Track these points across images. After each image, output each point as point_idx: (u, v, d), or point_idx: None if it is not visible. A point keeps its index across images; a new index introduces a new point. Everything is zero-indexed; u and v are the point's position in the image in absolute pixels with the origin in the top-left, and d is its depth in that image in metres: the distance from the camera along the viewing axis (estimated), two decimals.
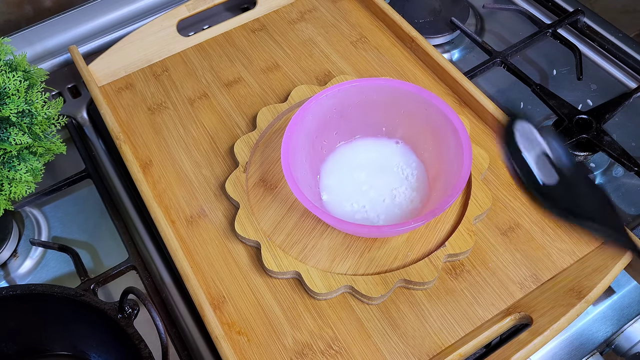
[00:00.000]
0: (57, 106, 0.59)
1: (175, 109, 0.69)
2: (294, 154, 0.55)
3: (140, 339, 0.48)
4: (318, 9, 0.78)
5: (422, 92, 0.56)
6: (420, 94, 0.56)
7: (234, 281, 0.56)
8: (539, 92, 0.70)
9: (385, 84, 0.57)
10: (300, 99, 0.66)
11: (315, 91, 0.67)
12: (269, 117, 0.65)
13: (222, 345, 0.50)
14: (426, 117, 0.56)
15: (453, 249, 0.54)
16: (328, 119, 0.59)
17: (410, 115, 0.58)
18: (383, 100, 0.58)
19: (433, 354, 0.51)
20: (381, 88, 0.58)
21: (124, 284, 0.54)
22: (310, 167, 0.59)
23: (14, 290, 0.50)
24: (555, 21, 0.77)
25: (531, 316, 0.50)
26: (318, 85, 0.69)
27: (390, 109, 0.59)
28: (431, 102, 0.55)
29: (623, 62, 0.74)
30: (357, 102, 0.59)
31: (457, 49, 0.80)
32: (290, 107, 0.66)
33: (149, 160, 0.65)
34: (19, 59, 0.57)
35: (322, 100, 0.57)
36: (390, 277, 0.53)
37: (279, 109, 0.66)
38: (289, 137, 0.55)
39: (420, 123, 0.58)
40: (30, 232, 0.65)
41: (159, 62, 0.74)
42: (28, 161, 0.56)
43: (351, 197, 0.58)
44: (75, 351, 0.54)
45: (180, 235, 0.59)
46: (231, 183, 0.60)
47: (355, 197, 0.58)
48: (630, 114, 0.70)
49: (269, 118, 0.65)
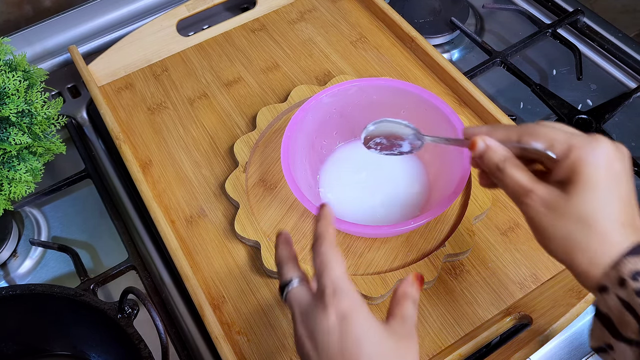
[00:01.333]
0: (56, 106, 0.59)
1: (175, 109, 0.69)
2: (294, 153, 0.55)
3: (140, 339, 0.48)
4: (318, 9, 0.78)
5: (422, 92, 0.56)
6: (421, 94, 0.56)
7: (233, 281, 0.56)
8: (539, 92, 0.70)
9: (386, 84, 0.57)
10: (300, 98, 0.66)
11: (315, 91, 0.67)
12: (268, 117, 0.65)
13: (221, 345, 0.50)
14: (426, 117, 0.56)
15: (453, 249, 0.54)
16: (328, 119, 0.59)
17: (410, 115, 0.58)
18: (383, 100, 0.58)
19: (433, 353, 0.51)
20: (381, 88, 0.58)
21: (124, 284, 0.54)
22: (310, 167, 0.59)
23: (13, 290, 0.50)
24: (555, 21, 0.77)
25: (531, 316, 0.50)
26: (318, 85, 0.69)
27: (390, 109, 0.59)
28: (431, 102, 0.55)
29: (623, 62, 0.74)
30: (357, 102, 0.59)
31: (457, 49, 0.80)
32: (290, 107, 0.66)
33: (149, 160, 0.65)
34: (19, 59, 0.57)
35: (322, 100, 0.57)
36: (390, 277, 0.53)
37: (278, 109, 0.66)
38: (289, 137, 0.55)
39: (421, 123, 0.58)
40: (30, 232, 0.65)
41: (159, 62, 0.74)
42: (28, 161, 0.56)
43: (351, 197, 0.58)
44: (75, 351, 0.54)
45: (180, 235, 0.59)
46: (231, 183, 0.60)
47: (355, 197, 0.58)
48: (630, 114, 0.70)
49: (268, 118, 0.65)
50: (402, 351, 0.36)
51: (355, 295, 0.37)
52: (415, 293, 0.39)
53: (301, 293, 0.39)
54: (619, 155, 0.37)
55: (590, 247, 0.36)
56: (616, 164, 0.37)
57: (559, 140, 0.38)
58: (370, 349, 0.35)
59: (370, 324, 0.36)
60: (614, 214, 0.36)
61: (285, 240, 0.42)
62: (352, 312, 0.36)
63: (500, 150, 0.40)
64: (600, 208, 0.36)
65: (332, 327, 0.35)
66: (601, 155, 0.37)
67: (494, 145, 0.41)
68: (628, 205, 0.37)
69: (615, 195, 0.37)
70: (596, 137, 0.37)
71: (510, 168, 0.39)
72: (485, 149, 0.41)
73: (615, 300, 0.35)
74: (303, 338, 0.37)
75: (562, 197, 0.37)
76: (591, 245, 0.36)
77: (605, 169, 0.37)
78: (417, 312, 0.40)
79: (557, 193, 0.37)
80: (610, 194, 0.36)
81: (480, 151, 0.41)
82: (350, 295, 0.36)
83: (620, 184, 0.37)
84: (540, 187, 0.38)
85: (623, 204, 0.37)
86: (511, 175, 0.39)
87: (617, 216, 0.36)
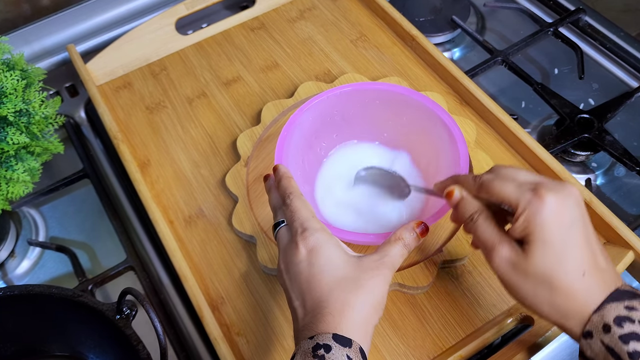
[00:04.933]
0: (54, 105, 0.58)
1: (173, 108, 0.69)
2: (289, 154, 0.53)
3: (139, 340, 0.48)
4: (318, 7, 0.77)
5: (426, 101, 0.55)
6: (425, 103, 0.54)
7: (232, 282, 0.55)
8: (541, 91, 0.69)
9: (389, 90, 0.56)
10: (307, 95, 0.66)
11: (323, 88, 0.66)
12: (273, 113, 0.65)
13: (220, 347, 0.50)
14: (426, 127, 0.55)
15: (450, 255, 0.53)
16: (329, 120, 0.58)
17: (411, 123, 0.57)
18: (386, 105, 0.57)
19: (434, 355, 0.50)
20: (385, 93, 0.56)
21: (122, 285, 0.53)
22: (308, 169, 0.58)
23: (11, 291, 0.50)
24: (557, 20, 0.77)
25: (532, 317, 0.50)
26: (325, 82, 0.68)
27: (392, 116, 0.57)
28: (434, 112, 0.54)
29: (625, 61, 0.74)
30: (359, 105, 0.58)
31: (458, 48, 0.79)
32: (295, 103, 0.65)
33: (147, 160, 0.64)
34: (17, 58, 0.57)
35: (324, 101, 0.56)
36: None
37: (284, 105, 0.65)
38: (284, 138, 0.53)
39: (420, 131, 0.56)
40: (27, 233, 0.64)
41: (157, 60, 0.73)
42: (25, 161, 0.56)
43: (347, 202, 0.57)
44: (73, 352, 0.54)
45: (178, 236, 0.58)
46: (232, 177, 0.60)
47: (352, 203, 0.56)
48: (632, 113, 0.70)
49: (273, 113, 0.64)
50: (363, 282, 0.39)
51: (321, 232, 0.41)
52: (409, 239, 0.43)
53: (285, 233, 0.44)
54: (567, 205, 0.38)
55: (557, 303, 0.38)
56: (565, 215, 0.38)
57: (510, 197, 0.39)
58: (331, 276, 0.39)
59: (336, 254, 0.40)
60: (572, 267, 0.38)
61: (284, 177, 0.47)
62: (318, 246, 0.40)
63: (473, 202, 0.42)
64: (557, 266, 0.38)
65: (302, 259, 0.41)
66: (548, 214, 0.38)
67: (468, 197, 0.43)
68: (587, 250, 0.38)
69: (571, 246, 0.38)
70: (540, 196, 0.38)
71: (481, 221, 0.41)
72: (460, 199, 0.43)
73: (600, 346, 0.36)
74: (282, 271, 0.42)
75: (523, 257, 0.39)
76: (557, 302, 0.38)
77: (555, 225, 0.38)
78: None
79: (518, 252, 0.39)
80: (565, 249, 0.38)
81: (455, 200, 0.43)
82: (316, 233, 0.41)
83: (574, 232, 0.38)
84: (505, 245, 0.40)
85: (580, 252, 0.38)
86: (480, 229, 0.41)
87: (577, 267, 0.38)
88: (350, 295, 0.38)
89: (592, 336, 0.37)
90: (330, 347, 0.36)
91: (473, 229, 0.42)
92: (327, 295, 0.39)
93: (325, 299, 0.38)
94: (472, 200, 0.42)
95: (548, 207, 0.37)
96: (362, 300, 0.38)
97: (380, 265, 0.40)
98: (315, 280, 0.40)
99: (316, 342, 0.36)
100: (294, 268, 0.41)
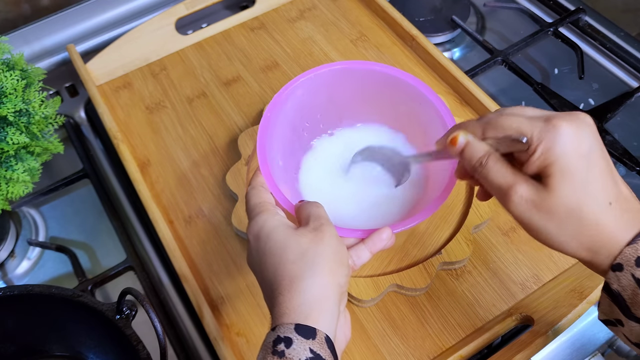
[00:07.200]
0: (54, 105, 0.58)
1: (173, 108, 0.69)
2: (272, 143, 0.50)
3: (138, 340, 0.48)
4: (317, 7, 0.77)
5: (417, 83, 0.52)
6: (416, 85, 0.52)
7: (232, 282, 0.55)
8: (541, 91, 0.69)
9: (377, 69, 0.53)
10: None
11: None
12: None
13: (220, 347, 0.50)
14: (418, 112, 0.53)
15: (449, 257, 0.53)
16: (315, 100, 0.54)
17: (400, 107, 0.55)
18: (375, 88, 0.54)
19: (434, 355, 0.50)
20: (373, 74, 0.53)
21: (122, 285, 0.53)
22: (292, 152, 0.55)
23: (11, 291, 0.50)
24: (557, 20, 0.77)
25: (532, 317, 0.50)
26: None
27: (381, 99, 0.55)
28: (426, 96, 0.52)
29: (625, 61, 0.74)
30: (347, 86, 0.54)
31: (458, 48, 0.79)
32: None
33: (147, 160, 0.64)
34: (17, 58, 0.57)
35: (310, 79, 0.52)
36: (382, 281, 0.52)
37: None
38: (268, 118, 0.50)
39: (410, 118, 0.54)
40: (27, 233, 0.64)
41: (157, 60, 0.73)
42: (25, 161, 0.56)
43: (336, 195, 0.54)
44: (73, 352, 0.54)
45: (178, 236, 0.58)
46: (232, 175, 0.60)
47: (341, 197, 0.54)
48: (632, 113, 0.70)
49: None
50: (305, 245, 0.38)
51: (262, 214, 0.41)
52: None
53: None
54: (583, 134, 0.36)
55: (585, 237, 0.36)
56: (583, 144, 0.36)
57: (523, 130, 0.36)
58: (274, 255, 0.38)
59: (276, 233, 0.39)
60: (599, 196, 0.36)
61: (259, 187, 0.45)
62: (259, 230, 0.40)
63: (481, 145, 0.39)
64: (583, 196, 0.35)
65: (251, 250, 0.41)
66: (566, 143, 0.35)
67: (475, 141, 0.39)
68: (609, 179, 0.36)
69: (594, 175, 0.36)
70: (554, 125, 0.36)
71: (491, 163, 0.38)
72: (465, 143, 0.39)
73: (630, 279, 0.35)
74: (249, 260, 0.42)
75: (544, 192, 0.36)
76: (586, 236, 0.36)
77: (575, 154, 0.35)
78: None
79: (538, 189, 0.36)
80: (588, 177, 0.36)
81: (460, 147, 0.39)
82: (256, 217, 0.41)
83: (594, 160, 0.36)
84: (522, 184, 0.37)
85: (603, 180, 0.36)
86: (492, 172, 0.38)
87: (602, 198, 0.36)
88: (294, 266, 0.37)
89: (622, 269, 0.35)
90: (292, 341, 0.34)
91: (484, 174, 0.38)
92: (273, 275, 0.38)
93: (274, 280, 0.37)
94: (479, 143, 0.39)
95: (565, 136, 0.35)
96: (310, 265, 0.37)
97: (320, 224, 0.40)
98: (264, 265, 0.39)
99: (277, 335, 0.35)
100: (251, 261, 0.41)
